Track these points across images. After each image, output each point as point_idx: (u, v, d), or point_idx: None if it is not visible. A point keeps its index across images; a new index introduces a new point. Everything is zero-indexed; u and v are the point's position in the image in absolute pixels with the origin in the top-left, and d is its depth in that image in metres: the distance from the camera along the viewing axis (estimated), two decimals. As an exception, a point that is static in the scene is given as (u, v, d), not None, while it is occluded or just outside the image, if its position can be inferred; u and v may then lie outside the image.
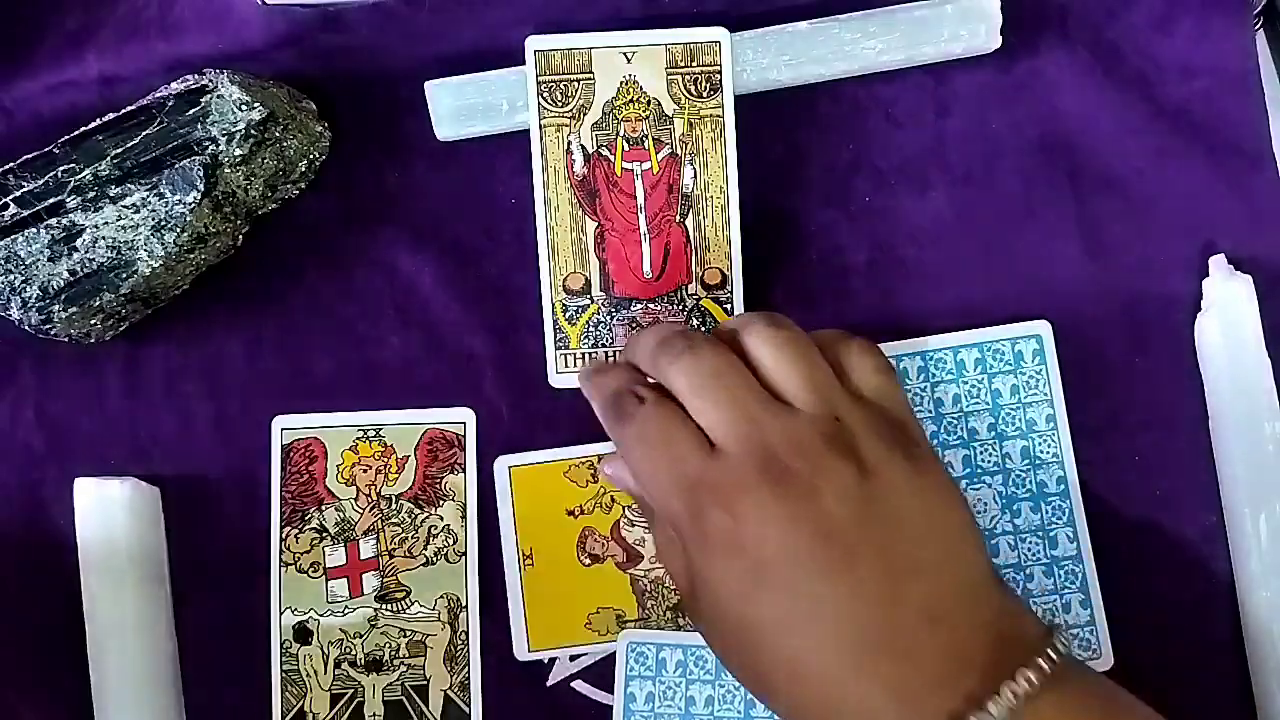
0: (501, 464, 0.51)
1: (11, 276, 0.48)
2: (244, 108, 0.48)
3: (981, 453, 0.50)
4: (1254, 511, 0.48)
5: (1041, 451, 0.50)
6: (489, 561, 0.50)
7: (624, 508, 0.50)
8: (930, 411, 0.50)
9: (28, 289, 0.48)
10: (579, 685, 0.50)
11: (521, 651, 0.50)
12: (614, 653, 0.50)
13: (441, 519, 0.51)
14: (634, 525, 0.50)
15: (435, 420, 0.51)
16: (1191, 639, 0.49)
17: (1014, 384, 0.50)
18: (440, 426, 0.51)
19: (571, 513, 0.50)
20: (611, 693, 0.50)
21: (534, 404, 0.51)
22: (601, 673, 0.50)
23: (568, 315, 0.50)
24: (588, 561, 0.50)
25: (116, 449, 0.51)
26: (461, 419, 0.51)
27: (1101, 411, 0.50)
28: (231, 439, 0.51)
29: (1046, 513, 0.50)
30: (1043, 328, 0.50)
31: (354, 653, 0.50)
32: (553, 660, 0.50)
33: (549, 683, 0.50)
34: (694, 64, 0.49)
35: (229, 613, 0.50)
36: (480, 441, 0.51)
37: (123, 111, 0.49)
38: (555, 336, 0.50)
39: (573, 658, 0.50)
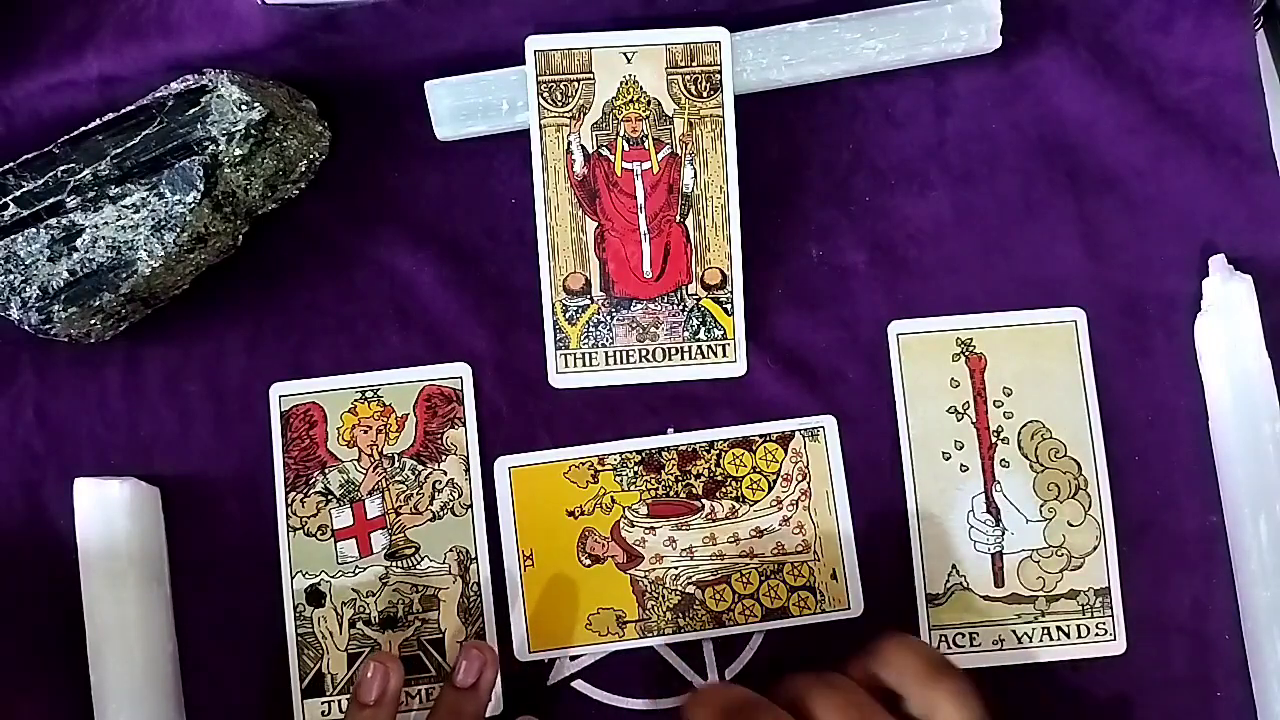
0: (501, 464, 0.51)
1: (11, 276, 0.48)
2: (244, 108, 0.48)
3: None
4: (1254, 511, 0.48)
5: None
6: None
7: (624, 508, 0.50)
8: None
9: (28, 289, 0.48)
10: (579, 685, 0.50)
11: (522, 651, 0.50)
12: (614, 653, 0.50)
13: (445, 474, 0.51)
14: (634, 526, 0.50)
15: (432, 377, 0.51)
16: (1192, 638, 0.49)
17: None
18: (437, 383, 0.51)
19: (572, 513, 0.50)
20: (611, 693, 0.50)
21: (534, 404, 0.51)
22: (601, 673, 0.50)
23: (568, 315, 0.50)
24: (588, 562, 0.50)
25: (116, 449, 0.51)
26: (458, 373, 0.51)
27: (1102, 412, 0.50)
28: (231, 439, 0.51)
29: None
30: None
31: (368, 611, 0.50)
32: (553, 660, 0.50)
33: (549, 682, 0.50)
34: (694, 64, 0.49)
35: (229, 612, 0.50)
36: (480, 430, 0.51)
37: (123, 111, 0.49)
38: (555, 336, 0.50)
39: (573, 658, 0.50)
